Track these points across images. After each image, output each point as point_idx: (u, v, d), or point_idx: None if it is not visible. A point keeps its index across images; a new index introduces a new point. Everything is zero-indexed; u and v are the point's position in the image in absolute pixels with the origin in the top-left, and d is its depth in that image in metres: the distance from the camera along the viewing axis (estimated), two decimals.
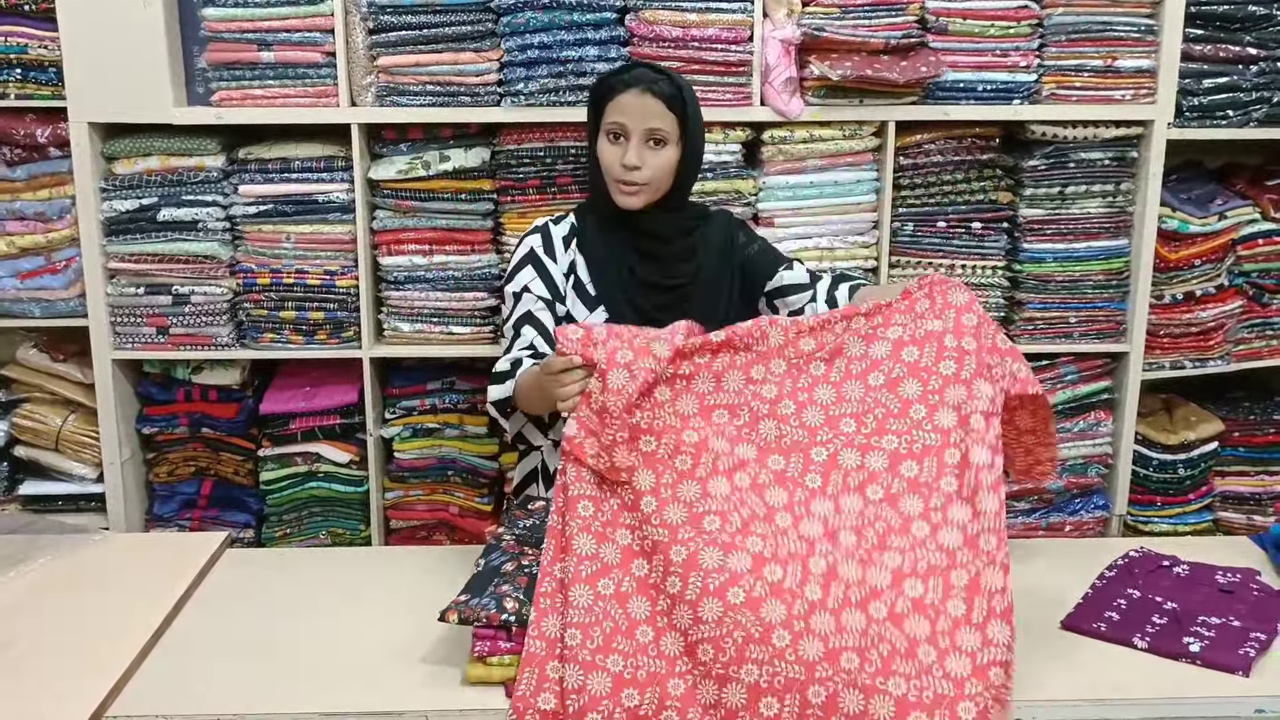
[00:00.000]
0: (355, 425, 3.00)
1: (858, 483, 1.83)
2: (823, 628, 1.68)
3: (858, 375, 1.90)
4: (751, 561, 1.73)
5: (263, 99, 2.81)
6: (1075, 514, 3.07)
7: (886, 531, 1.78)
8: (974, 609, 1.71)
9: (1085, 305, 2.98)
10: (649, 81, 2.17)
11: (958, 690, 1.64)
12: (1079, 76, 2.86)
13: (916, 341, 1.89)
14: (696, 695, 1.69)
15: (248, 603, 2.07)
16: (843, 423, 1.87)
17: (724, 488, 1.81)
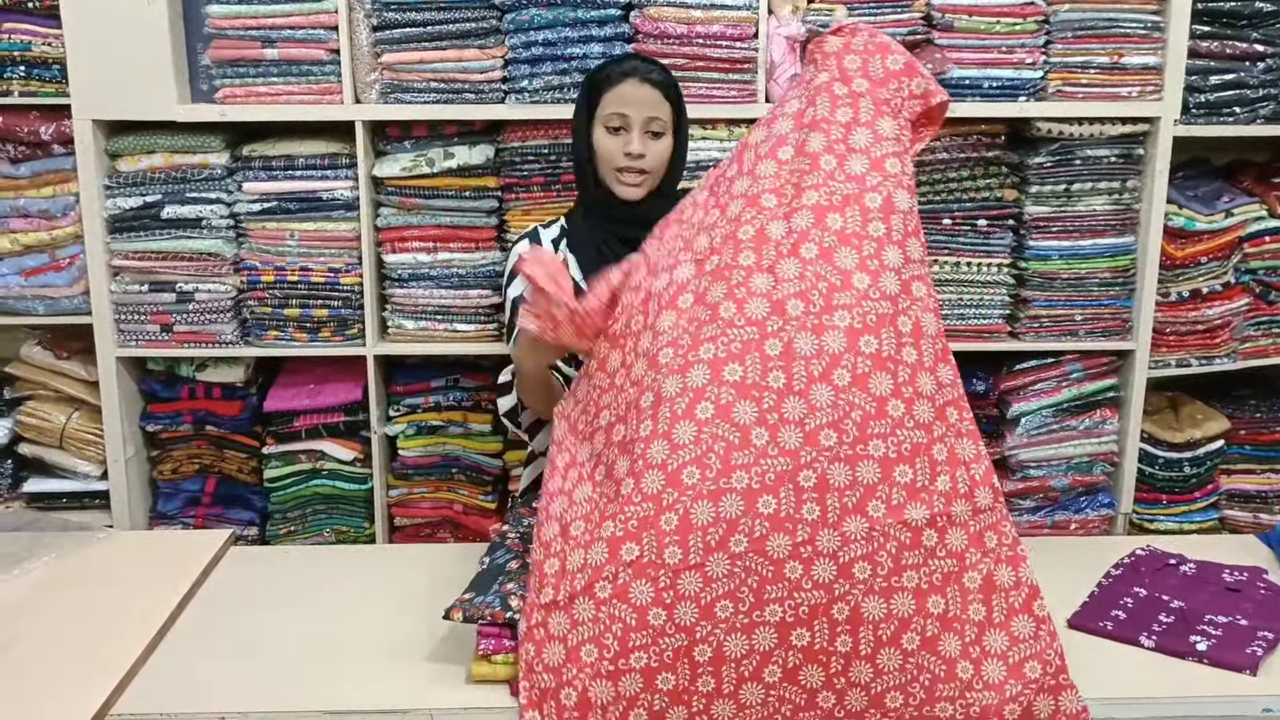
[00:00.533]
0: (359, 423, 3.00)
1: (821, 370, 1.73)
2: (829, 546, 1.69)
3: (789, 252, 1.80)
4: (744, 501, 1.68)
5: (267, 96, 2.81)
6: (1080, 512, 3.06)
7: (865, 419, 1.72)
8: (957, 482, 1.75)
9: (1091, 303, 2.97)
10: (644, 72, 2.20)
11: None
12: (1085, 73, 2.85)
13: (836, 208, 1.81)
14: (725, 652, 1.67)
15: (252, 601, 2.07)
16: (789, 305, 1.77)
17: (690, 431, 1.71)
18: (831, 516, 1.69)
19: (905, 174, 1.82)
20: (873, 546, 1.69)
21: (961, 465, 1.75)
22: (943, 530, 1.72)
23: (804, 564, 1.68)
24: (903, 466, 1.71)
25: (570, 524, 1.75)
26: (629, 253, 2.20)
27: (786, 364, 1.72)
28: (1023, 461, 3.01)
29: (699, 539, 1.67)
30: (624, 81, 2.20)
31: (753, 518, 1.67)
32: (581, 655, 1.68)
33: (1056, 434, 3.01)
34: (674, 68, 2.74)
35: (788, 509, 1.68)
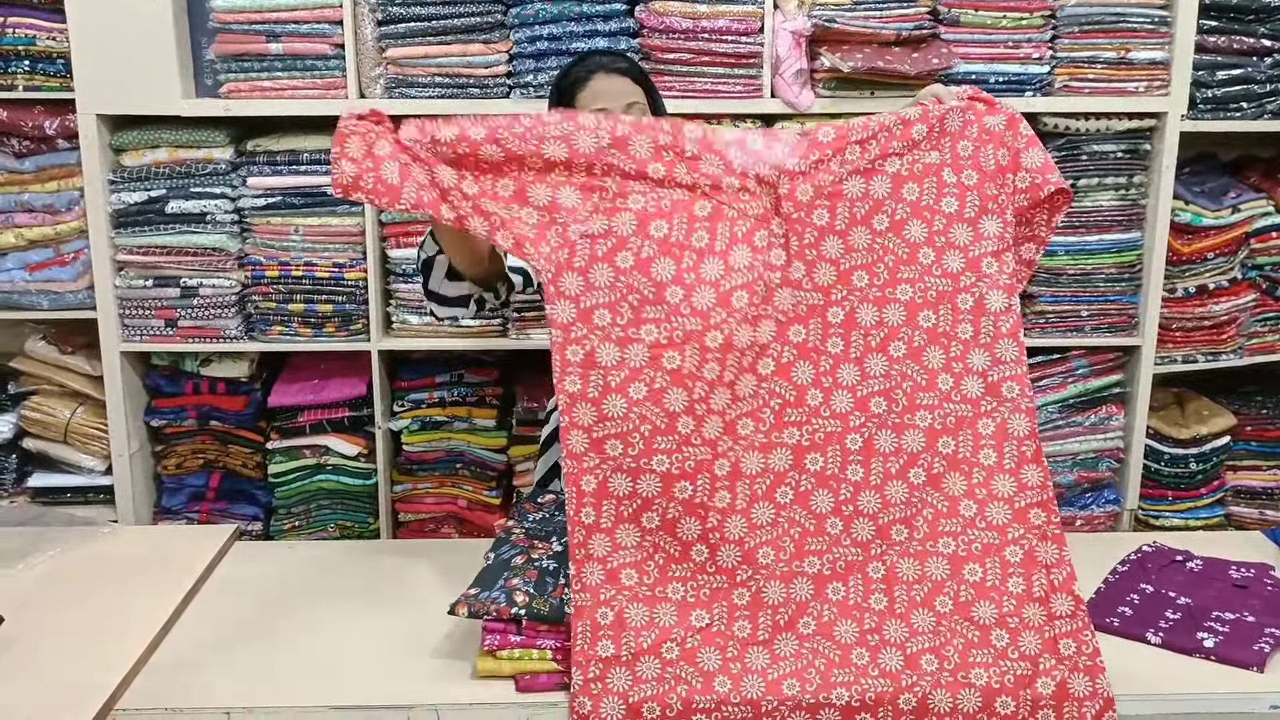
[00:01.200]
0: (363, 418, 3.00)
1: (878, 341, 1.80)
2: (870, 507, 1.77)
3: (863, 219, 1.82)
4: (792, 456, 1.77)
5: (271, 91, 2.81)
6: (1086, 508, 3.05)
7: (914, 390, 1.79)
8: (1004, 456, 1.78)
9: (1097, 299, 2.97)
10: (610, 64, 2.20)
11: (1001, 537, 1.75)
12: (1092, 68, 2.84)
13: (915, 177, 1.83)
14: (763, 598, 1.73)
15: (256, 596, 2.06)
16: (855, 276, 1.81)
17: (751, 384, 1.78)
18: (874, 479, 1.77)
19: (1003, 273, 1.81)
20: (910, 511, 1.77)
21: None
22: (983, 504, 1.78)
23: (844, 521, 1.76)
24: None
25: (620, 570, 1.75)
26: None
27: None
28: None
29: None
30: (593, 78, 2.17)
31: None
32: (643, 712, 1.70)
33: (1062, 430, 3.00)
34: (679, 63, 2.76)
35: (833, 469, 1.76)
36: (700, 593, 1.75)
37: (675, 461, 1.74)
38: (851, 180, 1.82)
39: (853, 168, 1.82)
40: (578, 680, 1.70)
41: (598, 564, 1.73)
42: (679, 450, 1.74)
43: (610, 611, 1.73)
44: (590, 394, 1.73)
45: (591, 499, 1.74)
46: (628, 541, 1.73)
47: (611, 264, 1.76)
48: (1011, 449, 1.79)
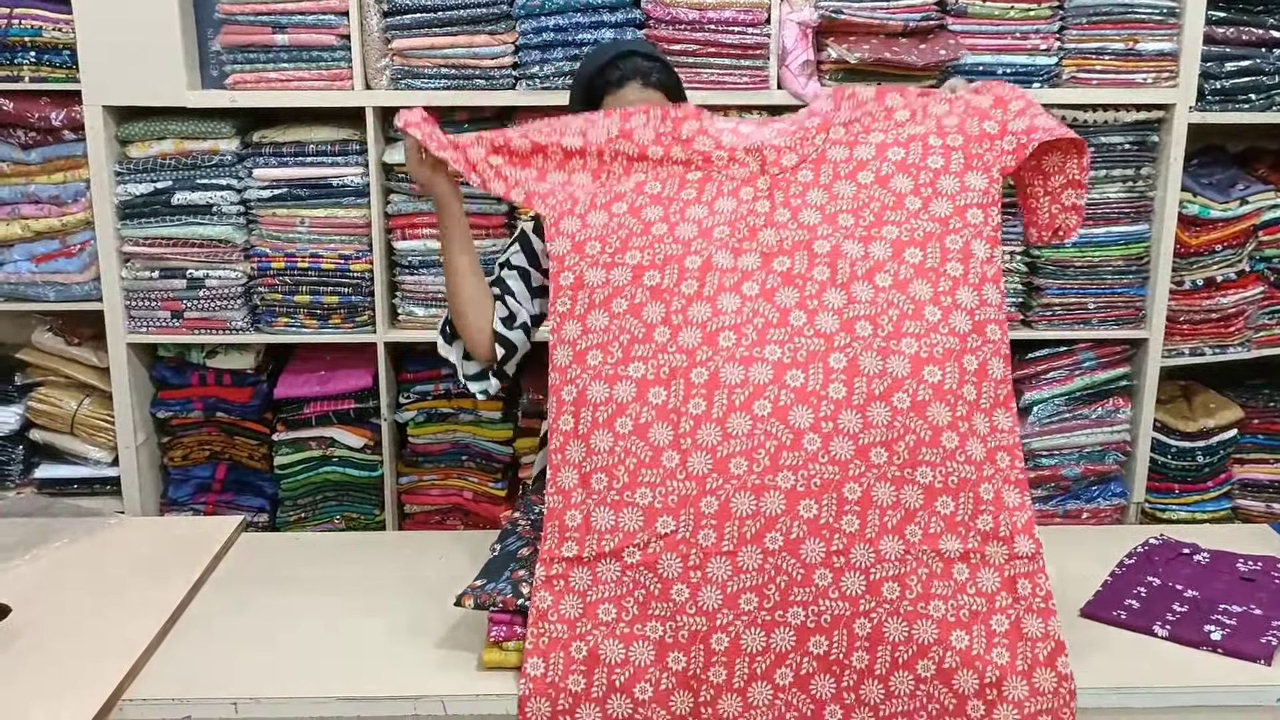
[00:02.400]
0: (369, 410, 3.00)
1: (865, 270, 1.82)
2: (850, 426, 1.73)
3: (846, 175, 1.90)
4: (773, 371, 1.76)
5: (277, 82, 2.80)
6: (1092, 501, 3.04)
7: (901, 317, 1.79)
8: (982, 394, 1.78)
9: (1104, 291, 2.96)
10: (645, 72, 2.15)
11: (977, 474, 1.75)
12: (1100, 59, 2.83)
13: (900, 143, 1.91)
14: (731, 509, 1.70)
15: (263, 587, 2.07)
16: (840, 218, 1.87)
17: (734, 302, 1.82)
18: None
19: (988, 226, 1.87)
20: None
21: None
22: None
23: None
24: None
25: (591, 475, 1.76)
26: None
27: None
28: (1035, 450, 3.00)
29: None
30: (626, 86, 2.13)
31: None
32: (599, 613, 1.71)
33: (1069, 423, 2.99)
34: (685, 54, 2.75)
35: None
36: (668, 499, 1.73)
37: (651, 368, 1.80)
38: (835, 148, 1.94)
39: (837, 141, 1.94)
40: (540, 576, 1.73)
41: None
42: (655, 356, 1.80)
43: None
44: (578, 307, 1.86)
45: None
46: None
47: (608, 210, 1.92)
48: (989, 389, 1.79)
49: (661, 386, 1.78)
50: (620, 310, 1.84)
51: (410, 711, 1.73)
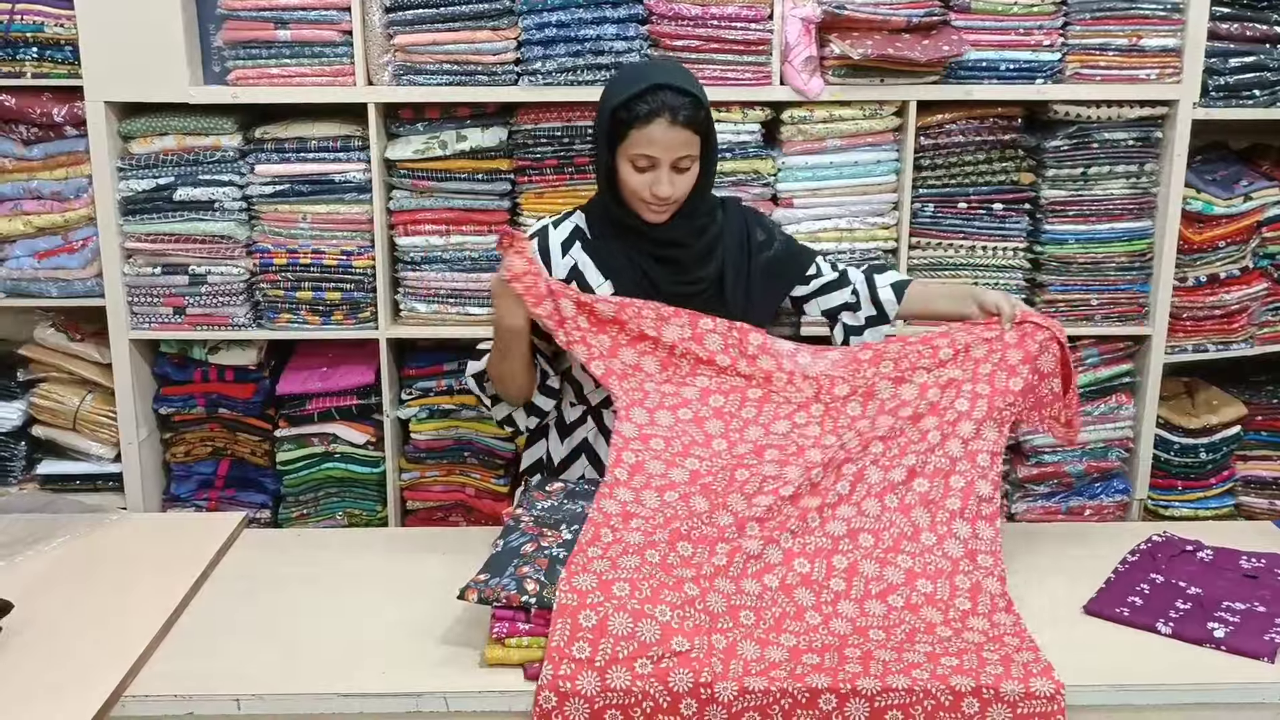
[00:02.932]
0: (372, 406, 3.00)
1: (879, 490, 2.04)
2: (849, 612, 1.90)
3: (888, 412, 2.12)
4: (784, 555, 1.94)
5: (279, 78, 2.80)
6: (1095, 498, 3.04)
7: (900, 537, 2.01)
8: (978, 604, 1.95)
9: (1107, 288, 2.95)
10: (675, 109, 2.08)
11: (977, 651, 1.83)
12: (1103, 55, 2.82)
13: (939, 385, 2.14)
14: (738, 651, 1.77)
15: (265, 583, 2.07)
16: (872, 445, 2.09)
17: (767, 501, 1.99)
18: (855, 594, 1.92)
19: (993, 470, 2.08)
20: (888, 624, 1.89)
21: (984, 594, 1.95)
22: (958, 632, 1.90)
23: (824, 617, 1.89)
24: (924, 580, 1.96)
25: (613, 583, 1.82)
26: (655, 266, 2.23)
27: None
28: (1037, 447, 3.01)
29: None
30: (654, 122, 2.07)
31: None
32: (605, 718, 1.72)
33: None
34: (687, 49, 2.75)
35: (819, 576, 1.93)
36: (684, 624, 1.78)
37: (685, 528, 1.96)
38: (883, 383, 2.16)
39: (885, 376, 2.16)
40: (547, 675, 1.72)
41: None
42: (691, 525, 1.97)
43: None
44: (634, 483, 2.05)
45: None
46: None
47: (674, 413, 2.13)
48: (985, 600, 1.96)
49: (688, 542, 1.93)
50: (671, 499, 2.03)
51: (413, 708, 1.73)
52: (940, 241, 2.91)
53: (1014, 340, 2.16)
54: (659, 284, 2.23)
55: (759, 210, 2.53)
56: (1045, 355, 2.18)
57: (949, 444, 2.08)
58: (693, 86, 2.14)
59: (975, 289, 2.30)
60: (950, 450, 2.08)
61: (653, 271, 2.23)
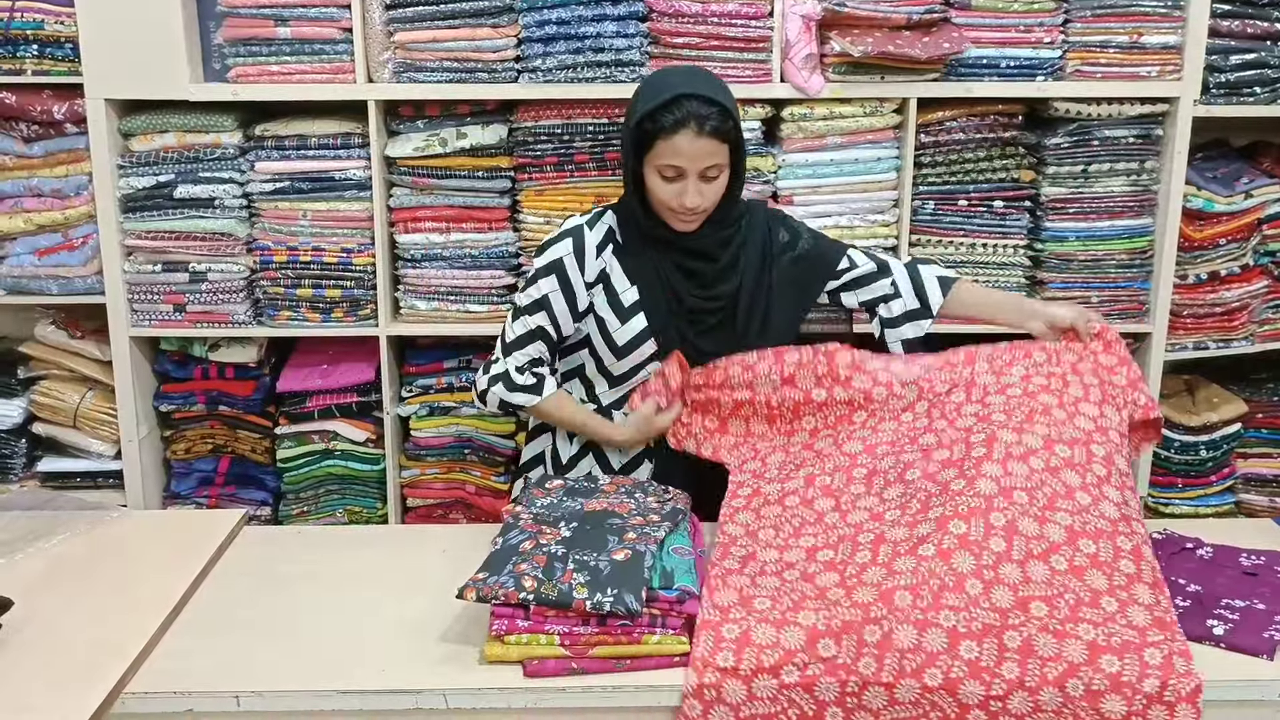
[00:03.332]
0: (372, 403, 3.00)
1: (1020, 453, 1.93)
2: (1011, 577, 1.78)
3: (996, 391, 2.07)
4: (936, 523, 1.85)
5: (279, 75, 2.80)
6: None
7: (1054, 496, 1.88)
8: (1142, 570, 1.84)
9: (1108, 285, 2.95)
10: (701, 119, 2.05)
11: (1141, 638, 1.75)
12: (1104, 53, 2.82)
13: (1042, 375, 2.10)
14: (894, 640, 1.72)
15: (265, 580, 2.06)
16: (994, 417, 2.02)
17: (909, 564, 1.86)
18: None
19: (1123, 448, 2.01)
20: (1052, 592, 1.77)
21: (1146, 561, 1.85)
22: (1125, 604, 1.80)
23: (984, 584, 1.76)
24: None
25: (754, 598, 1.82)
26: (682, 279, 2.22)
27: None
28: None
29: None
30: (679, 132, 2.05)
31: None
32: None
33: None
34: (688, 46, 2.75)
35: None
36: (832, 623, 1.75)
37: (821, 539, 1.95)
38: (984, 375, 2.12)
39: (983, 371, 2.13)
40: (691, 682, 1.71)
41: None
42: (824, 531, 1.96)
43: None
44: (753, 504, 2.07)
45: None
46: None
47: (781, 504, 2.07)
48: (1148, 568, 1.86)
49: (830, 549, 1.91)
50: (794, 504, 2.04)
51: (412, 705, 1.73)
52: (941, 239, 2.91)
53: (1100, 348, 2.14)
54: (682, 296, 2.22)
55: (783, 211, 2.46)
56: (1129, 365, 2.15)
57: (1077, 418, 2.01)
58: (720, 95, 2.10)
59: (1038, 304, 2.28)
60: (1080, 424, 1.99)
61: (677, 283, 2.22)
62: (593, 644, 1.77)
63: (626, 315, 2.22)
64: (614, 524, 1.95)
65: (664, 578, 1.83)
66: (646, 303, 2.22)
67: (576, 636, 1.77)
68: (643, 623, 1.78)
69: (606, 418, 2.30)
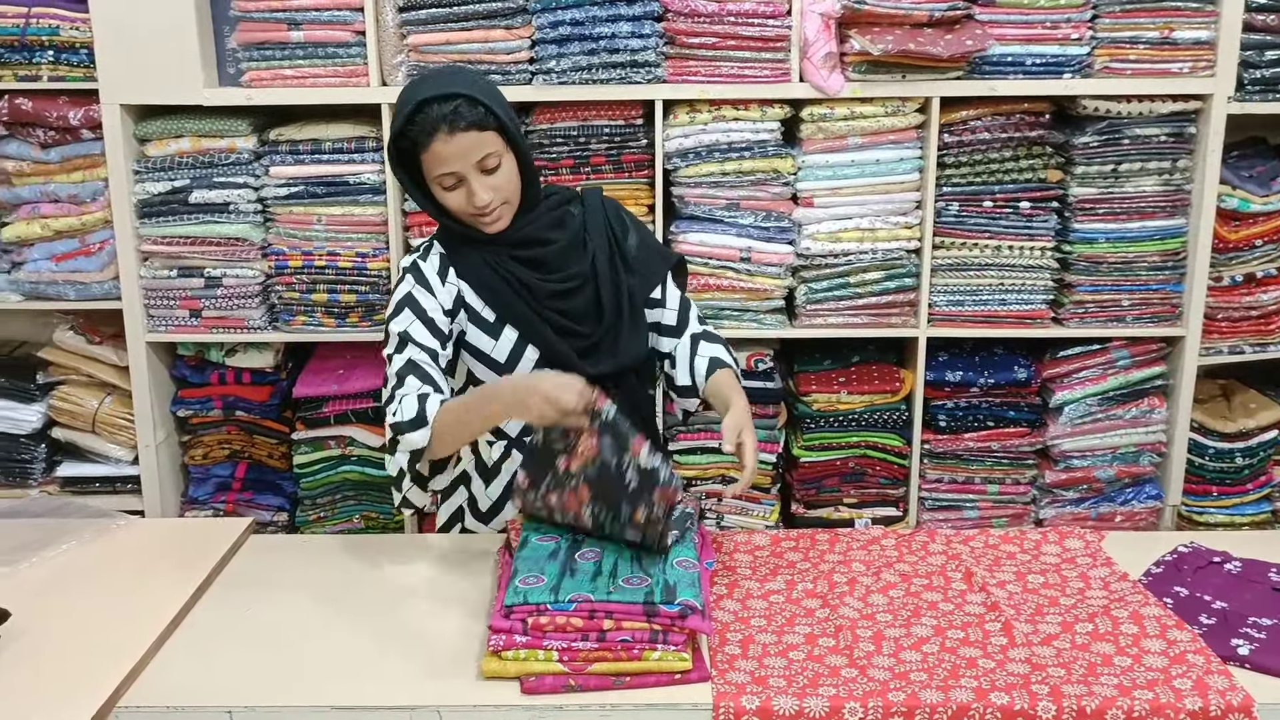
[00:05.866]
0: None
1: (994, 582, 2.02)
2: (1021, 657, 1.78)
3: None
4: (933, 629, 1.86)
5: (293, 79, 2.78)
6: (1127, 504, 2.96)
7: (1040, 605, 1.94)
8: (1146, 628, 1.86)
9: (1139, 287, 2.87)
10: (449, 118, 1.93)
11: (1166, 675, 1.73)
12: (1134, 49, 2.74)
13: None
14: (921, 699, 1.68)
15: (266, 591, 2.04)
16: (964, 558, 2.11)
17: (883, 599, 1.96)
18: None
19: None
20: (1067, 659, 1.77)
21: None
22: None
23: (996, 663, 1.77)
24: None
25: (767, 678, 1.74)
26: (525, 269, 2.08)
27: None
28: (1066, 451, 2.93)
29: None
30: (433, 140, 1.93)
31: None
32: None
33: (1102, 423, 2.92)
34: (704, 46, 2.70)
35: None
36: (854, 693, 1.70)
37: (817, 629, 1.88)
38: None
39: None
40: None
41: (744, 674, 1.73)
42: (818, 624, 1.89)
43: (756, 699, 1.68)
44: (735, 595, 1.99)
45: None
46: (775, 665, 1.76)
47: None
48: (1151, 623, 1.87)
49: (830, 638, 1.84)
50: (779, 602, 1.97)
51: None
52: (965, 241, 2.84)
53: None
54: (532, 286, 2.07)
55: (618, 202, 2.27)
56: None
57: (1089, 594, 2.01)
58: (458, 87, 1.96)
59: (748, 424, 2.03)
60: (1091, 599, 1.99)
61: (522, 275, 2.07)
62: (592, 660, 1.73)
63: (495, 329, 2.09)
64: None
65: (666, 591, 1.79)
66: (502, 306, 2.07)
67: (575, 652, 1.73)
68: (643, 638, 1.74)
69: (520, 447, 2.14)
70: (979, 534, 2.21)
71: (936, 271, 2.85)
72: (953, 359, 2.95)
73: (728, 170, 2.79)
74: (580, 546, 1.95)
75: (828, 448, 2.93)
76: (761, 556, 2.13)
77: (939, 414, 2.93)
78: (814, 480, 2.96)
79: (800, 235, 2.83)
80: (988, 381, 2.91)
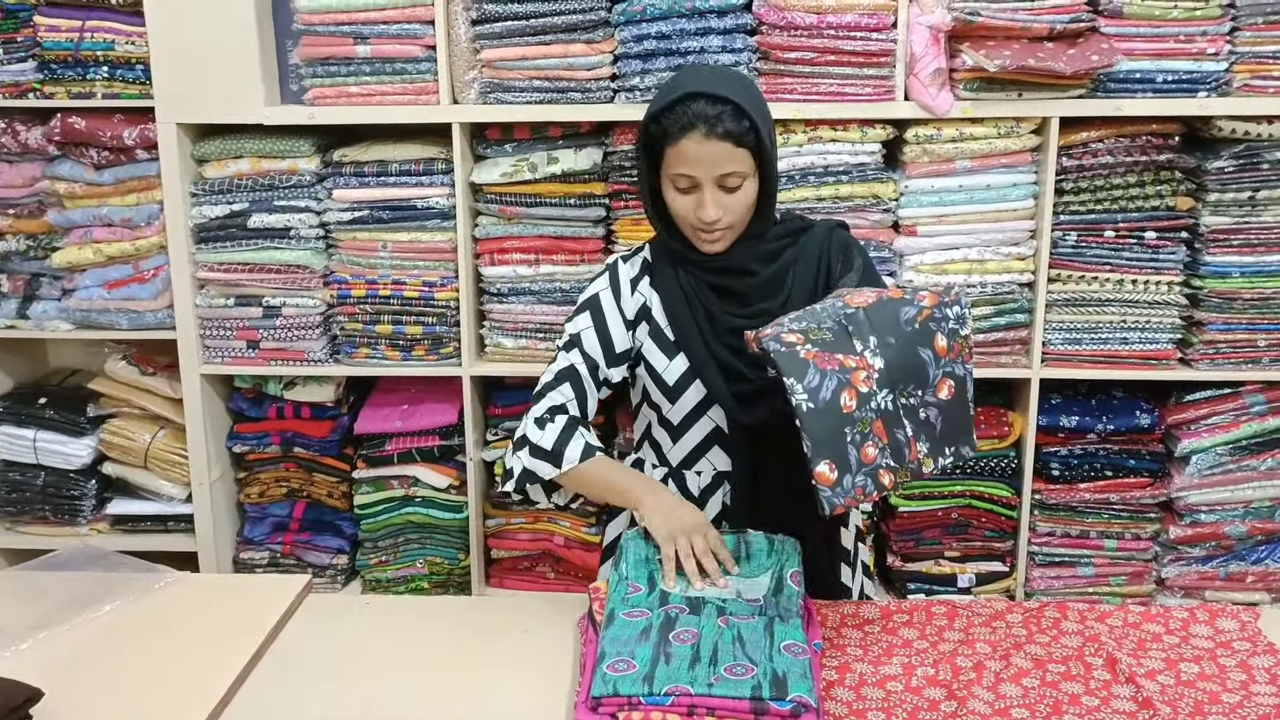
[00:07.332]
0: (455, 447, 2.84)
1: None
2: (1126, 693, 1.70)
3: None
4: (1033, 661, 1.79)
5: (358, 97, 2.65)
6: (1260, 563, 2.75)
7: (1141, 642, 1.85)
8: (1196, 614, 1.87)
9: (1276, 326, 2.67)
10: (710, 121, 1.80)
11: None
12: (1276, 65, 2.54)
13: None
14: None
15: (325, 662, 1.86)
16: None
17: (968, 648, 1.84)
18: None
19: None
20: None
21: None
22: None
23: None
24: None
25: (865, 711, 1.66)
26: (715, 299, 1.95)
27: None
28: (1192, 505, 2.74)
29: None
30: (685, 137, 1.82)
31: None
32: None
33: (1233, 474, 2.73)
34: (801, 62, 2.53)
35: None
36: None
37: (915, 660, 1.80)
38: None
39: None
40: None
41: (841, 704, 1.67)
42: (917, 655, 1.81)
43: None
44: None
45: None
46: (872, 696, 1.69)
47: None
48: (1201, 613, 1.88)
49: (930, 668, 1.78)
50: None
51: None
52: (1084, 274, 2.65)
53: None
54: (715, 317, 1.94)
55: (855, 239, 2.10)
56: None
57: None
58: (732, 92, 1.82)
59: None
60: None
61: (709, 303, 1.95)
62: None
63: (671, 350, 1.97)
64: None
65: (775, 685, 1.58)
66: (679, 329, 1.95)
67: None
68: None
69: (678, 480, 2.03)
70: (1118, 610, 1.99)
71: (1051, 307, 2.66)
72: (1067, 402, 2.75)
73: (824, 195, 2.60)
74: (674, 626, 1.75)
75: (928, 496, 2.75)
76: (872, 633, 1.92)
77: (1052, 462, 2.73)
78: (913, 531, 2.77)
79: (902, 266, 2.66)
80: (1106, 427, 2.71)
